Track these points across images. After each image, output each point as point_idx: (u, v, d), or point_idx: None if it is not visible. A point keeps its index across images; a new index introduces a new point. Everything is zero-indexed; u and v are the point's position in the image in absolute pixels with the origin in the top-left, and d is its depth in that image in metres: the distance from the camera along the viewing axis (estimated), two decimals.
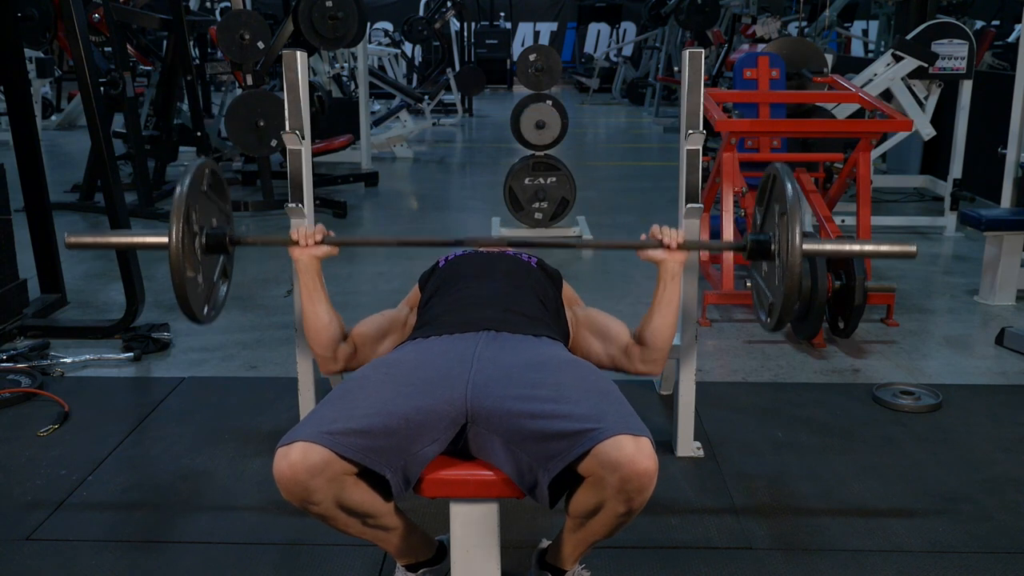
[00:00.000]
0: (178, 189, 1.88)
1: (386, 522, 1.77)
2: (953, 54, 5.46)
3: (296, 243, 2.01)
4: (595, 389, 1.70)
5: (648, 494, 1.57)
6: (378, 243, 4.68)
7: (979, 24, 8.58)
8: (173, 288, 1.90)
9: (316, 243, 2.00)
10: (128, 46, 7.00)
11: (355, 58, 8.83)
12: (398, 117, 9.40)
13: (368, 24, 8.62)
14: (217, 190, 2.06)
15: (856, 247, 2.46)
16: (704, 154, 2.69)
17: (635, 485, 1.54)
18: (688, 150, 2.54)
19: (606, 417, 1.59)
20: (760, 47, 6.53)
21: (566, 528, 1.78)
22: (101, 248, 2.41)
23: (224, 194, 2.10)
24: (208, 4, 10.74)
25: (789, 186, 1.91)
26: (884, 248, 2.11)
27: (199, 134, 6.45)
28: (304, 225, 2.03)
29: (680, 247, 2.02)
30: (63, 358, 3.45)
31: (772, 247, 2.01)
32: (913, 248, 2.03)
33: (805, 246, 1.88)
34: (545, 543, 1.98)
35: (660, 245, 2.02)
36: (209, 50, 7.61)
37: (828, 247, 2.47)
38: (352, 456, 1.59)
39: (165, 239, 1.87)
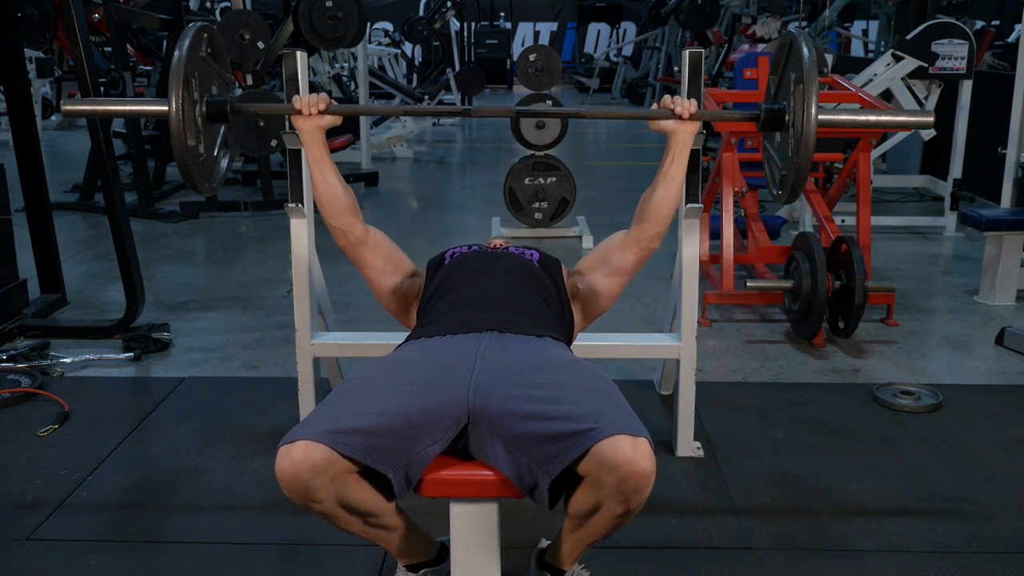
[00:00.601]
0: (176, 54, 1.84)
1: (387, 522, 1.77)
2: (953, 54, 5.46)
3: (299, 112, 2.00)
4: (595, 389, 1.70)
5: (645, 494, 1.57)
6: (382, 112, 4.57)
7: (979, 24, 8.58)
8: (175, 157, 1.88)
9: (320, 112, 2.00)
10: (128, 46, 7.01)
11: (355, 58, 8.83)
12: (398, 117, 9.40)
13: (368, 24, 8.62)
14: (216, 56, 2.03)
15: (873, 117, 2.26)
16: (704, 154, 2.69)
17: (632, 485, 1.54)
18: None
19: (604, 417, 1.59)
20: (760, 47, 6.54)
21: (565, 528, 1.78)
22: (99, 115, 2.33)
23: (223, 61, 2.06)
24: (208, 4, 10.74)
25: (806, 52, 1.86)
26: (902, 118, 2.13)
27: None
28: (307, 95, 2.02)
29: (692, 117, 2.01)
30: (63, 358, 3.45)
31: (787, 117, 1.98)
32: (931, 118, 2.02)
33: (821, 116, 1.85)
34: (544, 543, 1.98)
35: (672, 115, 2.01)
36: None
37: (844, 117, 2.29)
38: (354, 455, 1.59)
39: (165, 107, 1.84)
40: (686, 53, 2.51)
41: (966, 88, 5.58)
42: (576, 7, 18.86)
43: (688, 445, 2.70)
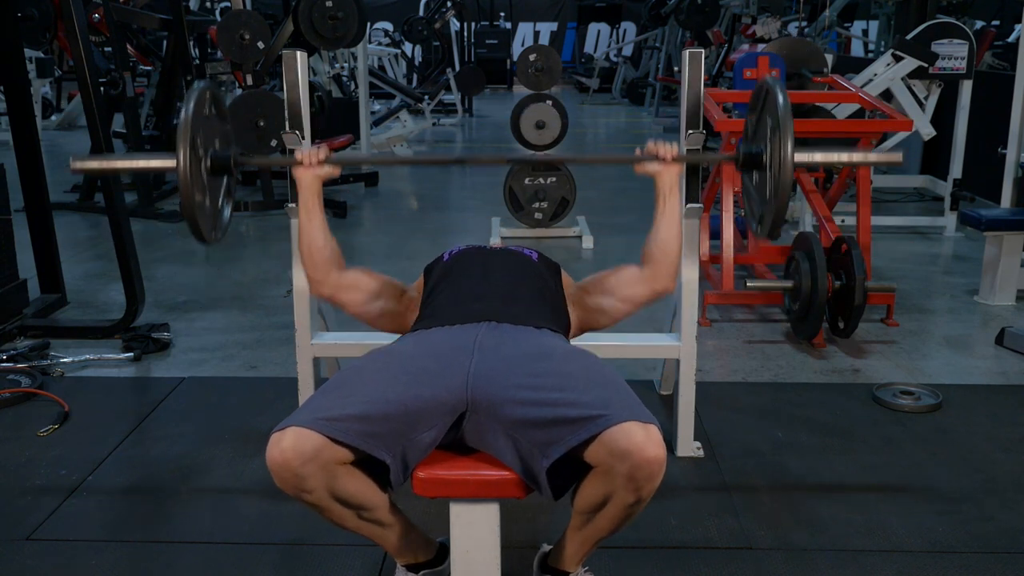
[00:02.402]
0: (183, 113, 1.95)
1: (381, 516, 1.76)
2: (953, 54, 5.46)
3: (300, 163, 2.07)
4: (600, 378, 1.70)
5: (657, 482, 1.57)
6: (382, 162, 4.62)
7: (979, 24, 8.58)
8: (182, 210, 1.97)
9: (319, 162, 2.06)
10: (128, 46, 7.00)
11: (355, 58, 8.83)
12: (398, 117, 9.40)
13: (368, 24, 8.61)
14: (219, 114, 2.13)
15: (845, 156, 2.47)
16: None
17: (645, 473, 1.54)
18: (688, 150, 2.54)
19: (612, 404, 1.59)
20: (760, 47, 6.53)
21: (570, 527, 1.77)
22: (107, 173, 2.47)
23: (225, 117, 2.17)
24: (208, 4, 10.73)
25: (780, 99, 1.97)
26: (872, 157, 2.39)
27: None
28: (309, 147, 2.10)
29: (675, 160, 2.09)
30: (63, 358, 3.45)
31: (764, 158, 2.08)
32: (899, 157, 2.23)
33: (796, 157, 1.96)
34: (546, 548, 1.96)
35: (656, 159, 2.09)
36: (209, 50, 7.61)
37: (818, 157, 2.43)
38: (349, 441, 1.59)
39: (173, 163, 1.93)
40: (686, 53, 2.51)
41: (966, 88, 5.58)
42: (576, 7, 18.85)
43: (688, 445, 2.70)
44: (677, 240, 2.10)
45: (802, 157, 2.07)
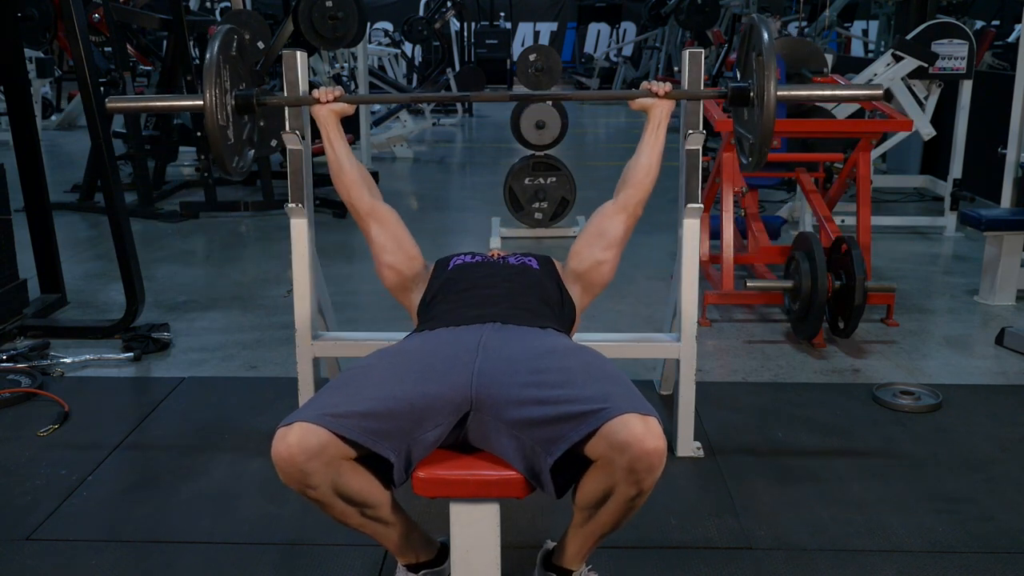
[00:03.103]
0: (208, 54, 2.18)
1: (384, 514, 1.77)
2: (953, 54, 5.46)
3: (318, 100, 2.33)
4: (601, 373, 1.71)
5: (657, 474, 1.57)
6: (390, 100, 4.71)
7: (979, 24, 8.58)
8: (209, 142, 2.19)
9: (334, 99, 2.33)
10: (128, 46, 7.00)
11: (355, 58, 8.82)
12: (398, 117, 9.40)
13: (368, 24, 8.61)
14: (243, 54, 2.38)
15: (827, 92, 2.59)
16: (704, 154, 2.69)
17: (645, 464, 1.54)
18: (688, 150, 2.54)
19: (612, 398, 1.60)
20: None
21: (573, 524, 1.78)
22: (141, 111, 2.88)
23: (247, 56, 2.44)
24: (208, 4, 10.74)
25: (765, 35, 2.15)
26: (853, 92, 2.54)
27: (199, 134, 6.45)
28: (326, 88, 2.35)
29: (667, 95, 2.32)
30: (63, 358, 3.45)
31: (751, 93, 2.27)
32: (879, 91, 2.38)
33: (780, 92, 2.15)
34: (550, 544, 1.97)
35: (650, 94, 2.32)
36: None
37: (801, 92, 2.65)
38: (355, 437, 1.60)
39: (200, 102, 2.17)
40: (686, 53, 2.51)
41: (966, 88, 5.58)
42: (576, 7, 18.86)
43: (688, 445, 2.70)
44: (655, 168, 2.31)
45: (785, 92, 2.29)
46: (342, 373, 1.78)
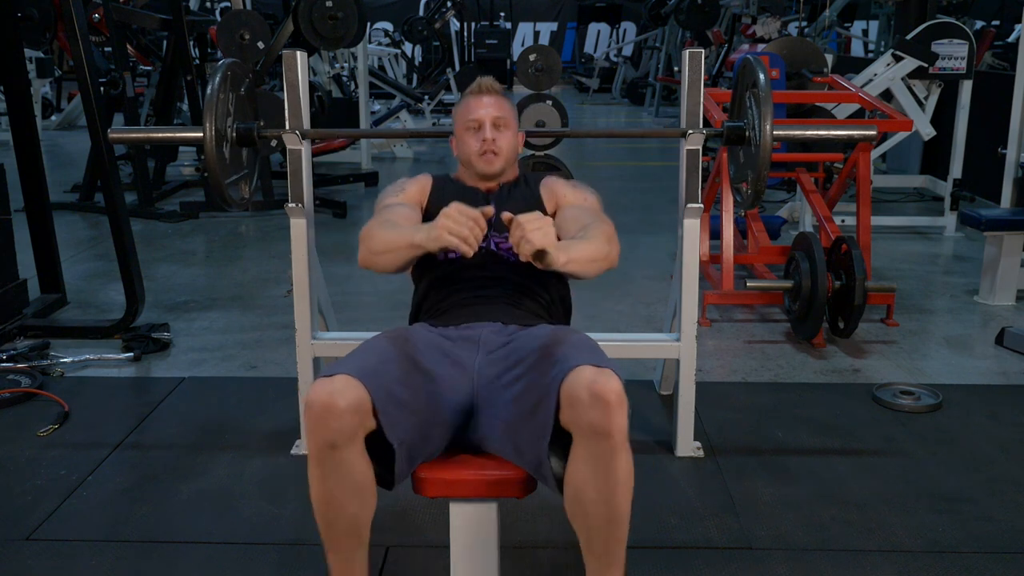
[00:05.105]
0: (209, 88, 2.17)
1: (363, 523, 1.69)
2: (953, 54, 5.46)
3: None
4: (565, 337, 1.73)
5: (620, 419, 1.53)
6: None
7: (979, 24, 8.58)
8: (208, 178, 2.22)
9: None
10: (128, 46, 7.00)
11: (355, 58, 8.83)
12: (398, 117, 9.40)
13: (368, 24, 8.61)
14: (247, 91, 2.39)
15: (822, 132, 2.63)
16: (704, 154, 2.69)
17: (602, 411, 1.51)
18: (688, 150, 2.54)
19: (569, 358, 1.60)
20: (760, 47, 6.53)
21: (584, 553, 1.67)
22: (143, 143, 2.87)
23: (251, 90, 2.41)
24: (208, 4, 10.74)
25: (761, 76, 2.15)
26: (848, 132, 2.58)
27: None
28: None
29: (535, 256, 1.71)
30: (63, 358, 3.44)
31: (747, 132, 2.30)
32: (873, 132, 2.46)
33: (776, 132, 2.16)
34: None
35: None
36: (209, 50, 7.62)
37: (795, 133, 2.62)
38: (385, 412, 1.60)
39: (200, 134, 2.15)
40: (686, 53, 2.51)
41: (966, 88, 5.58)
42: (576, 7, 18.87)
43: (688, 445, 2.70)
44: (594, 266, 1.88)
45: (781, 133, 2.31)
46: (373, 339, 1.80)
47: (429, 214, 2.08)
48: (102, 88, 5.69)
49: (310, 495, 1.67)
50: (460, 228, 1.69)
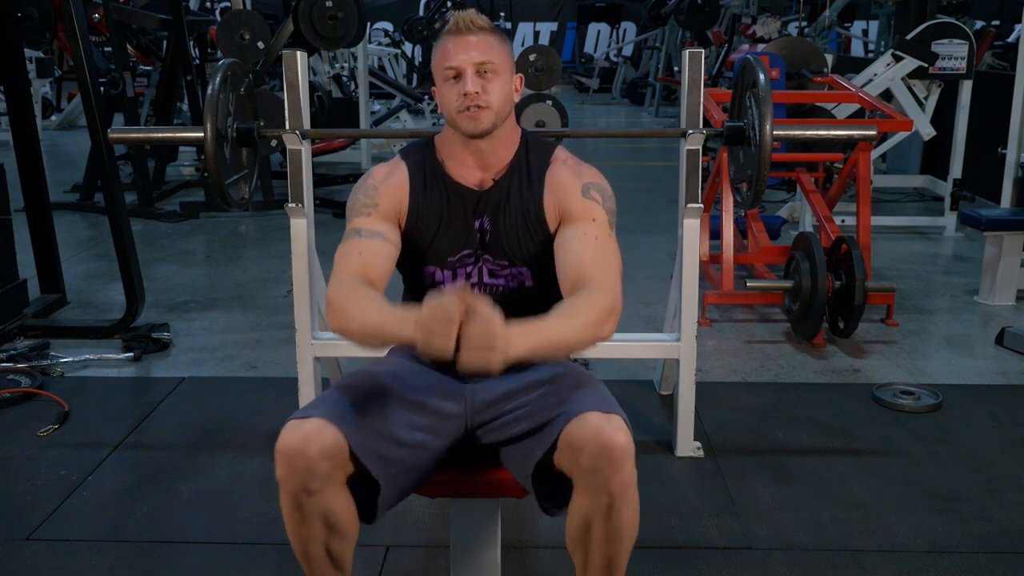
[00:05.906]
0: (209, 88, 2.18)
1: (346, 551, 1.59)
2: (953, 54, 5.46)
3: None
4: (575, 385, 1.61)
5: (625, 473, 1.44)
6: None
7: (979, 24, 8.59)
8: (209, 178, 2.19)
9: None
10: (128, 46, 7.00)
11: (355, 58, 8.83)
12: (398, 117, 9.40)
13: (368, 24, 8.61)
14: (247, 91, 2.40)
15: (822, 132, 2.66)
16: (704, 154, 2.70)
17: (607, 461, 1.42)
18: (688, 150, 2.54)
19: (573, 402, 1.51)
20: (760, 47, 6.53)
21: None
22: (143, 143, 2.89)
23: (251, 91, 2.42)
24: (208, 4, 10.74)
25: (761, 76, 2.16)
26: (846, 133, 2.62)
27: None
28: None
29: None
30: (63, 358, 3.45)
31: (747, 132, 2.32)
32: (873, 132, 2.49)
33: (776, 132, 2.18)
34: None
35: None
36: (209, 50, 7.63)
37: (795, 133, 2.63)
38: (363, 456, 1.49)
39: (200, 134, 2.15)
40: (686, 53, 2.51)
41: (966, 88, 5.58)
42: (576, 7, 18.87)
43: (688, 445, 2.70)
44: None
45: (781, 133, 2.32)
46: (350, 376, 1.69)
47: (408, 238, 1.77)
48: (102, 88, 5.69)
49: (287, 533, 1.55)
50: (436, 341, 1.40)
